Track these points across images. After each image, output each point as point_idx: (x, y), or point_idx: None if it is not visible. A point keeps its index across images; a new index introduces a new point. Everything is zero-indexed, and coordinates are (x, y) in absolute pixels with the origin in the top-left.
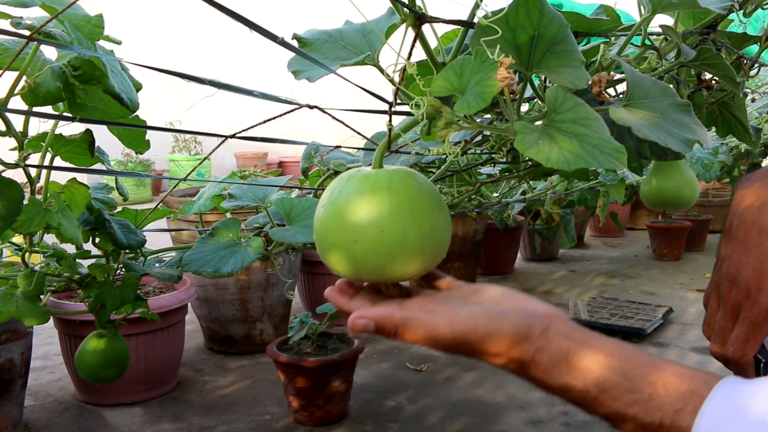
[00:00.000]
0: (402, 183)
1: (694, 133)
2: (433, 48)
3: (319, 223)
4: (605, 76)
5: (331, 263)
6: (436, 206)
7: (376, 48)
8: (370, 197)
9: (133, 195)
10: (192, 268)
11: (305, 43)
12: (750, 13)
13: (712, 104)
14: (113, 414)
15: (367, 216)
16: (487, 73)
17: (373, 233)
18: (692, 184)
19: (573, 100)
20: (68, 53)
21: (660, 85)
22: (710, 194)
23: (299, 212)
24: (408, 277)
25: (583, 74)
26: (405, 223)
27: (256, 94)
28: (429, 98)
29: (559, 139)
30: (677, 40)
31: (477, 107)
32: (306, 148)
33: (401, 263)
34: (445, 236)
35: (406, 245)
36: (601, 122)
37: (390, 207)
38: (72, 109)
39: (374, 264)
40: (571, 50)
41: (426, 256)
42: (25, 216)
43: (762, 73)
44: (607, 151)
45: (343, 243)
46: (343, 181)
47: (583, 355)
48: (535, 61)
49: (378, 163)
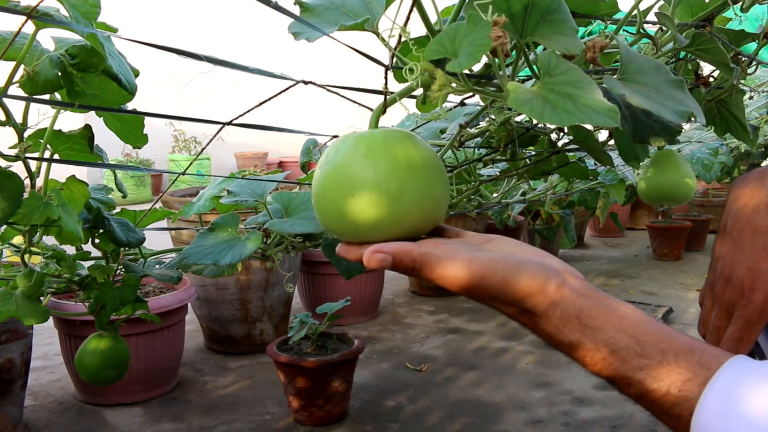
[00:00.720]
0: (398, 140)
1: (687, 106)
2: (432, 22)
3: (317, 184)
4: (599, 42)
5: (329, 223)
6: (433, 164)
7: (377, 15)
8: (366, 152)
9: (133, 195)
10: (190, 261)
11: (306, 7)
12: (747, 8)
13: (709, 101)
14: (113, 414)
15: (363, 169)
16: (479, 33)
17: (369, 186)
18: (689, 177)
19: (566, 64)
20: (65, 44)
21: (653, 62)
22: (710, 194)
23: (297, 205)
24: (406, 234)
25: (576, 41)
26: (401, 176)
27: (251, 69)
28: (423, 62)
29: (552, 99)
30: (672, 28)
31: (468, 64)
32: (305, 143)
33: (399, 217)
34: (443, 195)
35: (403, 198)
36: (594, 85)
37: (386, 161)
38: (71, 96)
39: (372, 218)
40: (564, 19)
41: (424, 210)
42: (25, 209)
43: (760, 73)
44: (600, 110)
45: (340, 199)
46: (339, 142)
47: (597, 314)
48: (528, 29)
49: (373, 124)
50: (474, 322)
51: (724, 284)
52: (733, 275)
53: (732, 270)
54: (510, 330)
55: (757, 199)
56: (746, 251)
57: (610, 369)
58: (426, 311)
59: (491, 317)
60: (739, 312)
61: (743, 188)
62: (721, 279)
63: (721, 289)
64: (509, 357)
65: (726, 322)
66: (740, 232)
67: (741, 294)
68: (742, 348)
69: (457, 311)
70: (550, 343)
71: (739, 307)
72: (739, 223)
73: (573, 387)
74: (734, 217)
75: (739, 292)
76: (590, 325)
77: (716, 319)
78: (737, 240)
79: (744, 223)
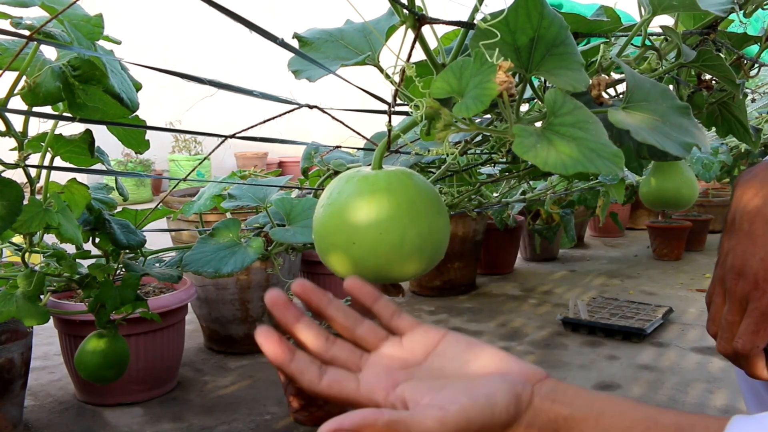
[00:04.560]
0: (400, 184)
1: (692, 137)
2: (432, 49)
3: (319, 223)
4: (604, 80)
5: (331, 264)
6: (434, 207)
7: (377, 48)
8: (369, 198)
9: (133, 195)
10: (192, 269)
11: (306, 42)
12: (750, 13)
13: (712, 104)
14: (113, 414)
15: (366, 217)
16: (486, 75)
17: (371, 235)
18: (691, 184)
19: (572, 104)
20: (68, 53)
21: (660, 87)
22: (710, 194)
23: (299, 212)
24: (407, 278)
25: (582, 77)
26: (403, 224)
27: (255, 93)
28: (428, 100)
29: (557, 143)
30: (677, 41)
31: (475, 110)
32: (306, 148)
33: (399, 265)
34: (444, 237)
35: (404, 247)
36: (600, 126)
37: (388, 209)
38: (72, 109)
39: (373, 265)
40: (570, 52)
41: (424, 257)
42: (25, 216)
43: (762, 74)
44: (605, 156)
45: (341, 244)
46: (342, 182)
47: (574, 422)
48: (534, 63)
49: (377, 164)
50: (474, 322)
51: (736, 277)
52: (746, 267)
53: (744, 262)
54: (510, 330)
55: (767, 190)
56: (758, 242)
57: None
58: (426, 311)
59: (491, 317)
60: (754, 303)
61: (750, 181)
62: (732, 272)
63: (733, 283)
64: None
65: (740, 317)
66: (751, 224)
67: (755, 285)
68: (758, 340)
69: (457, 311)
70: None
71: (754, 298)
72: (750, 214)
73: None
74: (743, 209)
75: (753, 284)
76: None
77: (729, 314)
78: (748, 232)
79: (754, 214)
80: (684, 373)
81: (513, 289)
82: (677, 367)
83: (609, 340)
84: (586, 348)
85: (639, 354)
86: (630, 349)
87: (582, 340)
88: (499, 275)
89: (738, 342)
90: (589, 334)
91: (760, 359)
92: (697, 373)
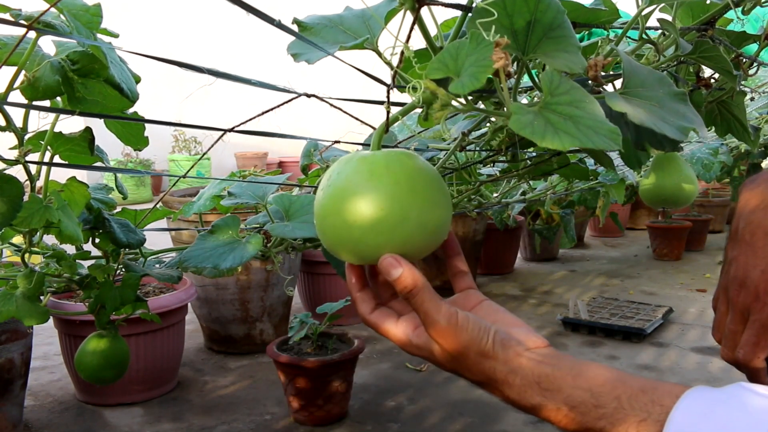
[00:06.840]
0: (400, 163)
1: (689, 121)
2: (432, 35)
3: (319, 206)
4: (601, 60)
5: (332, 246)
6: (435, 185)
7: (376, 33)
8: (368, 177)
9: (133, 195)
10: (191, 265)
11: (305, 27)
12: (748, 10)
13: (710, 103)
14: (113, 414)
15: (366, 196)
16: (482, 54)
17: (371, 213)
18: (691, 181)
19: (568, 83)
20: (66, 48)
21: (656, 74)
22: (710, 194)
23: (298, 208)
24: (408, 258)
25: (579, 59)
26: (404, 201)
27: (253, 82)
28: (425, 81)
29: (554, 121)
30: (674, 33)
31: (471, 87)
32: (305, 146)
33: (402, 243)
34: (446, 215)
35: (405, 224)
36: (596, 105)
37: (388, 186)
38: (71, 103)
39: (374, 244)
40: (567, 36)
41: (426, 234)
42: (25, 213)
43: (761, 74)
44: (602, 132)
45: (342, 224)
46: (341, 164)
47: (554, 377)
48: (531, 46)
49: (376, 145)
50: None
51: (738, 288)
52: (747, 279)
53: (746, 273)
54: None
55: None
56: (759, 254)
57: (574, 424)
58: None
59: None
60: (755, 315)
61: (754, 190)
62: (734, 283)
63: (735, 293)
64: None
65: (741, 327)
66: (752, 235)
67: (756, 297)
68: (759, 352)
69: None
70: (516, 407)
71: (755, 310)
72: (752, 225)
73: None
74: (746, 219)
75: (754, 296)
76: (549, 388)
77: (731, 324)
78: (750, 243)
79: (756, 225)
80: (684, 373)
81: (513, 289)
82: (677, 367)
83: (609, 340)
84: (586, 348)
85: (639, 354)
86: (630, 349)
87: (582, 340)
88: (499, 275)
89: (740, 352)
90: (589, 334)
91: (761, 369)
92: (697, 373)
